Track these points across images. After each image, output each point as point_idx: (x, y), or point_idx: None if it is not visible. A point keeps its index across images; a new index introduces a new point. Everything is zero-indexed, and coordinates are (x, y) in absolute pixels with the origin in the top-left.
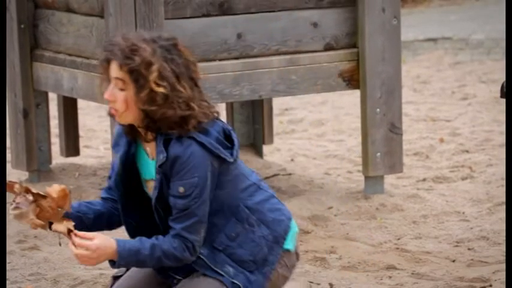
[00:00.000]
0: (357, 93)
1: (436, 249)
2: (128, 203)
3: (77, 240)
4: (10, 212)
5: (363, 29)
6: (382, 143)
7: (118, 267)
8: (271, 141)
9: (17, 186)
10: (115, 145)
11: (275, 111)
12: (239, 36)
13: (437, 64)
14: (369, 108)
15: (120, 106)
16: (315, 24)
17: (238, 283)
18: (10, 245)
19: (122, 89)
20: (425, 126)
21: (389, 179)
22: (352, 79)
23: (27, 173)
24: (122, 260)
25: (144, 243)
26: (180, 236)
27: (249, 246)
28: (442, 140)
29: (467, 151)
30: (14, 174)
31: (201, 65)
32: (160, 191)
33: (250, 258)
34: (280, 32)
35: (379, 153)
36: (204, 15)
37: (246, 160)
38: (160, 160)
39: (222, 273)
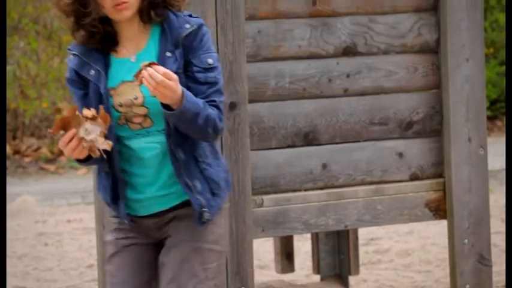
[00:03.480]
0: (443, 223)
1: None
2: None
3: (161, 69)
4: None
5: (449, 159)
6: (470, 275)
7: (178, 114)
8: (357, 272)
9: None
10: (74, 78)
11: (360, 241)
12: (324, 166)
13: None
14: (457, 238)
15: None
16: (400, 154)
17: (201, 200)
18: None
19: None
20: None
21: None
22: (439, 209)
23: None
24: (187, 103)
25: (197, 98)
26: (218, 109)
27: (216, 170)
28: None
29: None
30: None
31: (286, 195)
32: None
33: (216, 180)
34: (365, 162)
35: (468, 285)
36: (289, 146)
37: None
38: (188, 29)
39: (191, 185)
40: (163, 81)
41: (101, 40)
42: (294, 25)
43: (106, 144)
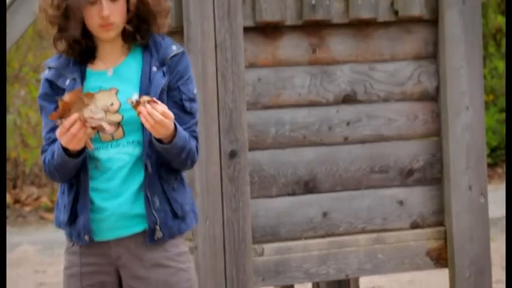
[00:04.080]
0: (445, 271)
1: None
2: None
3: (160, 108)
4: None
5: (449, 207)
6: None
7: (168, 149)
8: None
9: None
10: (47, 91)
11: None
12: (325, 214)
13: None
14: (458, 287)
15: (118, 17)
16: (401, 202)
17: (156, 217)
18: None
19: (113, 0)
20: None
21: None
22: (440, 258)
23: None
24: (178, 139)
25: (184, 132)
26: (197, 140)
27: (181, 194)
28: None
29: None
30: None
31: (286, 244)
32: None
33: (180, 202)
34: (366, 210)
35: None
36: (289, 194)
37: None
38: (174, 50)
39: (150, 200)
40: (162, 120)
41: (80, 52)
42: (294, 73)
43: (111, 127)
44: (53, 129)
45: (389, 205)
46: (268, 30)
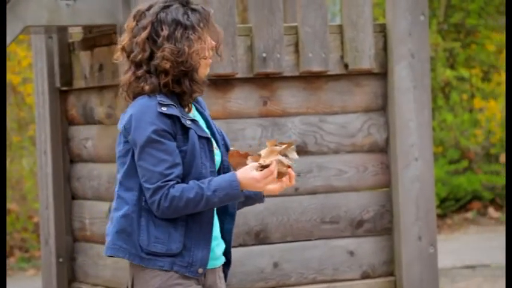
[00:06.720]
0: None
1: None
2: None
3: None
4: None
5: (399, 257)
6: None
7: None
8: None
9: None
10: (169, 129)
11: None
12: (275, 265)
13: None
14: None
15: None
16: (351, 253)
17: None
18: None
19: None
20: None
21: None
22: None
23: None
24: None
25: None
26: None
27: None
28: None
29: None
30: None
31: None
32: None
33: None
34: (317, 261)
35: None
36: (240, 245)
37: None
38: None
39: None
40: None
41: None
42: (245, 125)
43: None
44: (174, 165)
45: (340, 256)
46: (219, 83)
